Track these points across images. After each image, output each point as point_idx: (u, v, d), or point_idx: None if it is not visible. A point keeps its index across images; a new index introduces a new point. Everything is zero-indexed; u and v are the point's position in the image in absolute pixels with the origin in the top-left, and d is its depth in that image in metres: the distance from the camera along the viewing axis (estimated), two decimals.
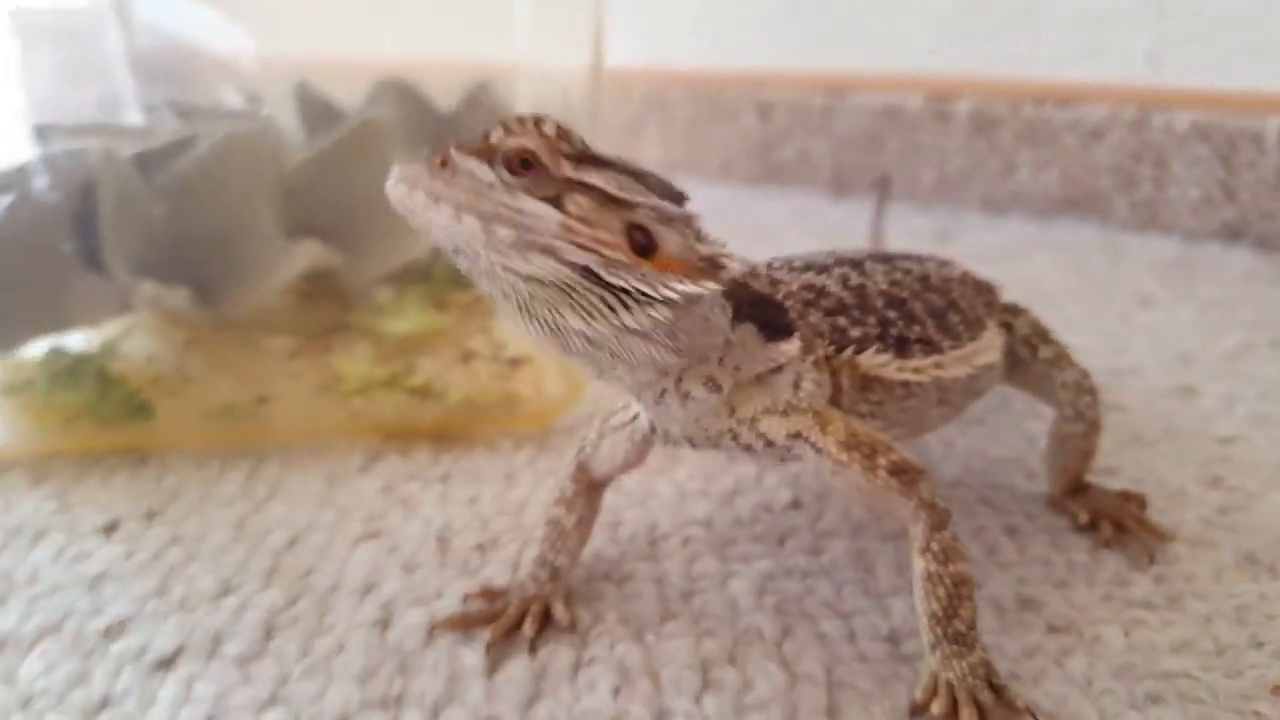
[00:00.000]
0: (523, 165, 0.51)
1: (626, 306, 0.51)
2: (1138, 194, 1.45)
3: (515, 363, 0.93)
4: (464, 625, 0.61)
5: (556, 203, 0.50)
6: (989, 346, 0.68)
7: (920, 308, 0.64)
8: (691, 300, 0.51)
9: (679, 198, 0.53)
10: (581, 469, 0.65)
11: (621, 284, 0.50)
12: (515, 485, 0.79)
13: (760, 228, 1.58)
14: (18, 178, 0.90)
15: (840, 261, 0.65)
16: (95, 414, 0.86)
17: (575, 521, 0.65)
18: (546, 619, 0.62)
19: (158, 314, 1.00)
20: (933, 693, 0.54)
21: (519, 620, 0.61)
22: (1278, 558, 0.68)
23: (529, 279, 0.51)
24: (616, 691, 0.56)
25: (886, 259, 0.68)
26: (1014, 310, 0.76)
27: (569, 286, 0.50)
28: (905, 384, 0.61)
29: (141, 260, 0.95)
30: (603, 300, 0.51)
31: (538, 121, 0.51)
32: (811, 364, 0.58)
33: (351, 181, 1.04)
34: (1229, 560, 0.68)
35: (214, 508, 0.77)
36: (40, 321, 0.94)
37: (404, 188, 0.51)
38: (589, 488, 0.66)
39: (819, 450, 0.56)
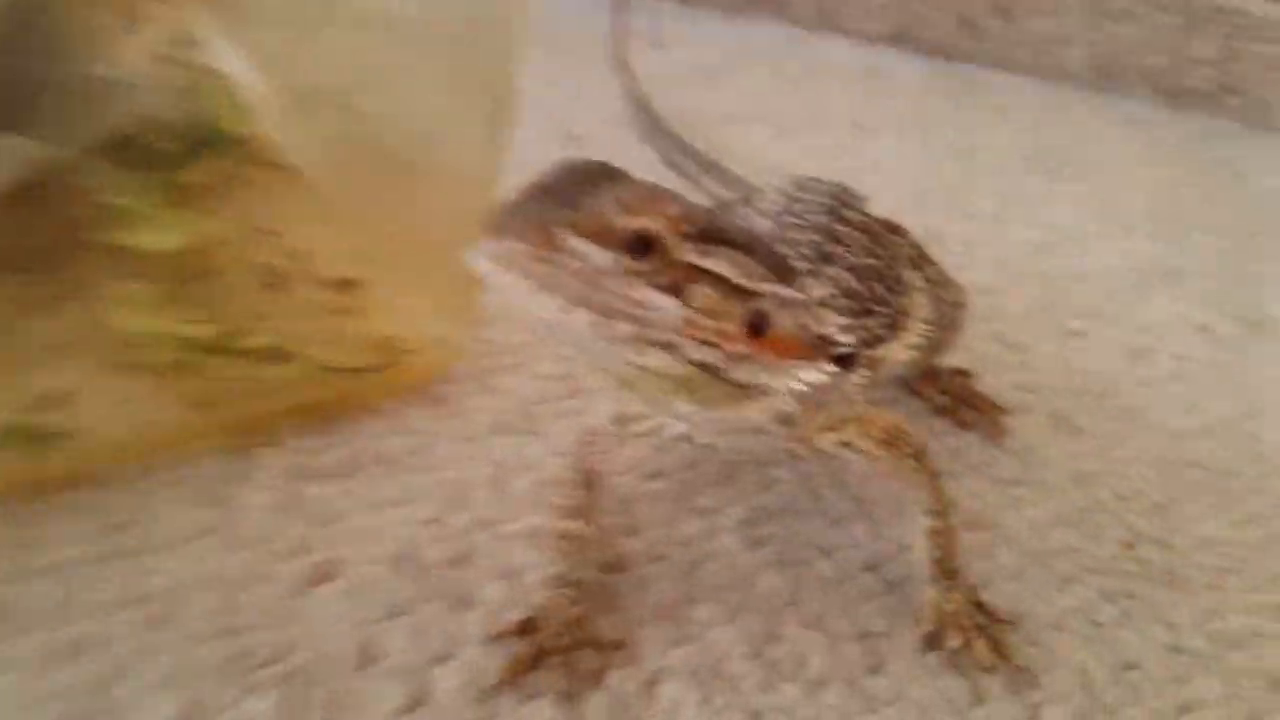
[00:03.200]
0: (641, 248, 0.45)
1: (750, 397, 0.50)
2: None
3: (346, 285, 0.76)
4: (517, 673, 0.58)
5: (677, 291, 0.46)
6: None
7: (875, 286, 0.67)
8: (816, 386, 0.52)
9: (789, 271, 0.51)
10: (590, 475, 0.63)
11: (746, 380, 0.49)
12: (435, 462, 0.72)
13: None
14: None
15: (830, 237, 0.66)
16: None
17: (592, 527, 0.63)
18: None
19: None
20: (938, 623, 0.63)
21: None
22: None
23: (642, 369, 0.47)
24: None
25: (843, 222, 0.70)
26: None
27: (688, 379, 0.48)
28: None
29: None
30: (724, 393, 0.50)
31: (659, 198, 0.45)
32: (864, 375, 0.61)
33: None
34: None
35: None
36: None
37: (497, 270, 0.43)
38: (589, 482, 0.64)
39: (861, 451, 0.61)
